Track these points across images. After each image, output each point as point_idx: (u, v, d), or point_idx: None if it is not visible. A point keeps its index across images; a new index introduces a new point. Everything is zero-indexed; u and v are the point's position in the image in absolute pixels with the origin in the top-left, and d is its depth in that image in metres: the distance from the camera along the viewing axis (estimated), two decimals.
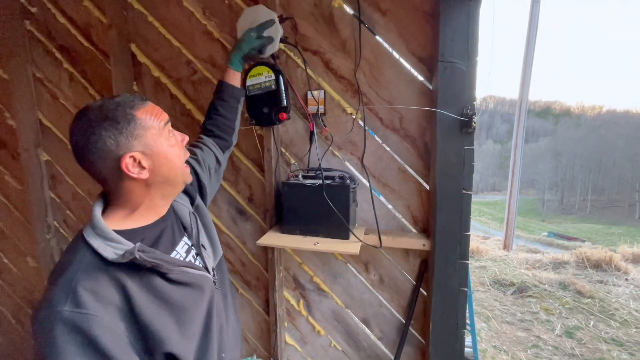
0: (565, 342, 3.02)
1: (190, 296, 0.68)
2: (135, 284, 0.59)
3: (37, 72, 1.52)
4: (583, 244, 8.95)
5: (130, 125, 0.61)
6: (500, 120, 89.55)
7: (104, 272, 0.57)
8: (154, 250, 0.62)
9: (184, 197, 0.84)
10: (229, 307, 0.84)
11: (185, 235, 0.78)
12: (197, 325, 0.68)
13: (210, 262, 0.80)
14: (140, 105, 0.63)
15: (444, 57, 0.99)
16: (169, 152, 0.66)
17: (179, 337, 0.62)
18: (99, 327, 0.51)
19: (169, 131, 0.67)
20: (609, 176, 46.15)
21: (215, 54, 1.29)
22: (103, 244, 0.58)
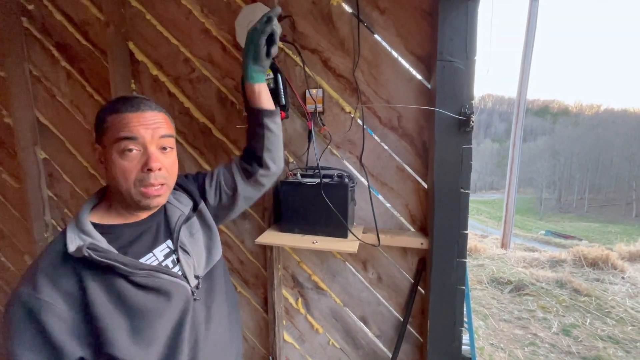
0: (562, 340, 3.04)
1: (155, 302, 0.65)
2: (95, 280, 0.60)
3: (34, 69, 1.52)
4: (580, 243, 9.00)
5: (99, 123, 0.67)
6: (498, 119, 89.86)
7: (68, 263, 0.59)
8: (109, 250, 0.62)
9: (185, 199, 0.83)
10: (212, 320, 0.77)
11: (170, 239, 0.75)
12: (160, 334, 0.65)
13: (195, 271, 0.75)
14: (117, 111, 0.65)
15: (442, 56, 0.99)
16: (114, 164, 0.65)
17: (128, 342, 0.60)
18: (50, 313, 0.55)
19: (124, 146, 0.64)
20: (606, 175, 46.42)
21: (213, 52, 1.28)
22: (74, 236, 0.61)
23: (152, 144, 0.66)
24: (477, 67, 1.00)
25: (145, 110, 0.67)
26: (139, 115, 0.66)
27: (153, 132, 0.66)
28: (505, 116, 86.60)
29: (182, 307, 0.69)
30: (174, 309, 0.68)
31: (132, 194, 0.66)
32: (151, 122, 0.67)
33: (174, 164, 0.72)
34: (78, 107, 1.50)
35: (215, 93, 1.31)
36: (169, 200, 0.79)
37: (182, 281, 0.70)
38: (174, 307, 0.67)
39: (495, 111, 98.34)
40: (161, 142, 0.68)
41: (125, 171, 0.64)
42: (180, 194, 0.84)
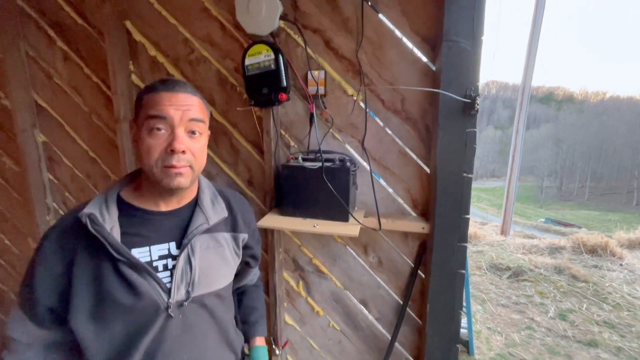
0: (558, 324, 3.09)
1: (124, 297, 0.64)
2: (87, 250, 0.64)
3: (30, 50, 1.49)
4: (579, 231, 9.04)
5: (137, 100, 0.69)
6: (502, 105, 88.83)
7: (76, 227, 0.65)
8: (104, 227, 0.64)
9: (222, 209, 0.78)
10: (189, 345, 0.71)
11: (175, 241, 0.71)
12: (119, 329, 0.65)
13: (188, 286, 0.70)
14: (153, 91, 0.66)
15: (448, 36, 0.96)
16: (142, 140, 0.65)
17: (85, 319, 0.64)
18: (43, 260, 0.64)
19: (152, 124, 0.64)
20: (608, 163, 46.20)
21: (212, 32, 1.25)
22: (96, 202, 0.67)
23: (180, 126, 0.65)
24: (484, 50, 0.98)
25: (178, 91, 0.66)
26: (172, 95, 0.65)
27: (183, 114, 0.65)
28: (509, 103, 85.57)
29: (150, 315, 0.66)
30: (140, 313, 0.65)
31: (154, 172, 0.65)
32: (183, 103, 0.66)
33: (201, 150, 0.70)
34: (76, 89, 1.48)
35: (215, 75, 1.29)
36: (201, 204, 0.75)
37: (160, 289, 0.66)
38: (140, 310, 0.65)
39: (499, 98, 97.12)
40: (190, 125, 0.67)
41: (150, 149, 0.64)
42: (219, 201, 0.80)
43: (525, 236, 6.39)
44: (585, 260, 4.42)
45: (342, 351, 1.38)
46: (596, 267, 4.23)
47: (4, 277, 1.90)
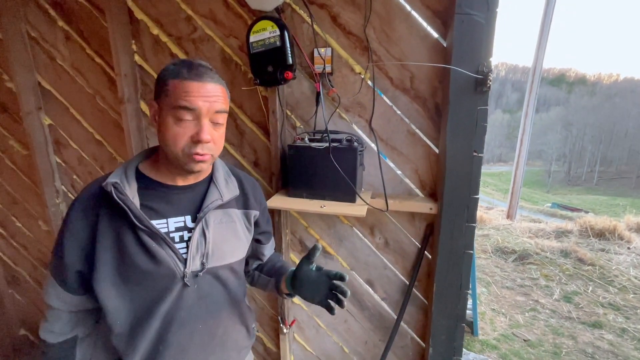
0: (563, 306, 3.11)
1: (145, 263, 0.67)
2: (109, 218, 0.68)
3: (32, 30, 1.46)
4: (586, 215, 8.97)
5: (160, 84, 0.68)
6: (511, 88, 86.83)
7: (98, 196, 0.69)
8: (128, 197, 0.67)
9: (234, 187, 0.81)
10: (203, 315, 0.75)
11: (190, 215, 0.74)
12: (140, 293, 0.69)
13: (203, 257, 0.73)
14: (181, 77, 0.65)
15: (461, 9, 0.92)
16: (167, 127, 0.67)
17: (109, 282, 0.68)
18: (71, 229, 0.69)
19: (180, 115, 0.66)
20: (619, 147, 45.29)
21: (216, 9, 1.21)
22: (117, 174, 0.69)
23: (206, 117, 0.67)
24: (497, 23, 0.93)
25: (207, 81, 0.67)
26: (201, 86, 0.66)
27: (210, 106, 0.67)
28: (518, 85, 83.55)
29: (167, 283, 0.70)
30: (159, 280, 0.69)
31: (179, 157, 0.68)
32: (211, 95, 0.67)
33: (221, 138, 0.73)
34: (79, 70, 1.46)
35: (219, 53, 1.26)
36: (216, 181, 0.79)
37: (177, 259, 0.70)
38: (159, 278, 0.69)
39: (508, 80, 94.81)
40: (215, 117, 0.69)
41: (177, 137, 0.66)
42: (232, 180, 0.83)
43: (532, 220, 6.36)
44: (592, 244, 4.40)
45: (348, 330, 1.40)
46: (603, 251, 4.21)
47: (17, 258, 1.95)
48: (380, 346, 1.35)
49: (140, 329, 0.70)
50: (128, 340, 0.71)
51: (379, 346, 1.36)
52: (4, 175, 1.79)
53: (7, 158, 1.74)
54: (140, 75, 1.38)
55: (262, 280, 0.94)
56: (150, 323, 0.70)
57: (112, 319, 0.69)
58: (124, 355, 0.71)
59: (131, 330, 0.70)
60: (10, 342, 2.03)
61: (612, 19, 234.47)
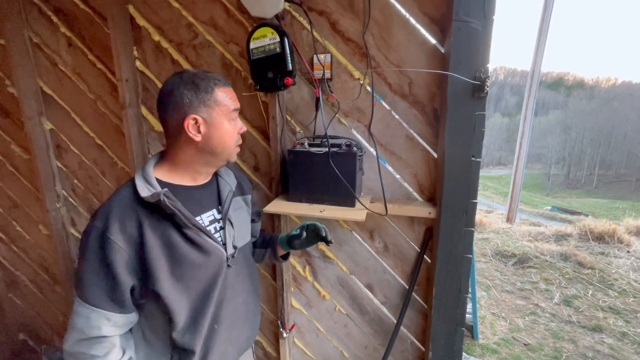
0: (563, 310, 3.10)
1: (196, 257, 0.75)
2: (152, 227, 0.71)
3: (34, 36, 1.48)
4: (586, 219, 8.98)
5: (207, 95, 0.74)
6: (510, 92, 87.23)
7: (133, 208, 0.71)
8: (177, 201, 0.72)
9: (231, 177, 0.93)
10: (238, 289, 0.88)
11: (215, 208, 0.86)
12: (194, 285, 0.77)
13: (234, 241, 0.87)
14: (222, 85, 0.77)
15: (458, 16, 0.94)
16: (226, 130, 0.77)
17: (169, 283, 0.72)
18: (114, 249, 0.67)
19: (234, 116, 0.79)
20: (618, 150, 45.39)
21: (216, 16, 1.23)
22: (143, 184, 0.72)
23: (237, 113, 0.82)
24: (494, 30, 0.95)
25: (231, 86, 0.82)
26: (232, 91, 0.81)
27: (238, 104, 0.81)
28: (517, 89, 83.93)
29: (217, 269, 0.80)
30: (210, 268, 0.79)
31: (231, 152, 0.81)
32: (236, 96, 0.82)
33: None
34: (81, 75, 1.48)
35: (219, 59, 1.27)
36: (221, 174, 0.90)
37: (220, 246, 0.81)
38: (210, 266, 0.78)
39: (507, 84, 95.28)
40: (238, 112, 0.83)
41: (233, 135, 0.80)
42: (229, 172, 0.95)
43: (531, 224, 6.36)
44: (592, 247, 4.40)
45: (347, 334, 1.40)
46: (603, 254, 4.21)
47: (17, 263, 1.95)
48: (380, 350, 1.35)
49: (201, 316, 0.78)
50: (193, 330, 0.77)
51: (378, 350, 1.36)
52: (5, 179, 1.79)
53: (9, 162, 1.75)
54: (141, 81, 1.39)
55: (258, 253, 1.08)
56: (207, 308, 0.78)
57: (177, 318, 0.74)
58: (188, 344, 0.77)
59: (193, 321, 0.77)
60: (10, 347, 2.03)
61: (609, 23, 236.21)
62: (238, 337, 0.90)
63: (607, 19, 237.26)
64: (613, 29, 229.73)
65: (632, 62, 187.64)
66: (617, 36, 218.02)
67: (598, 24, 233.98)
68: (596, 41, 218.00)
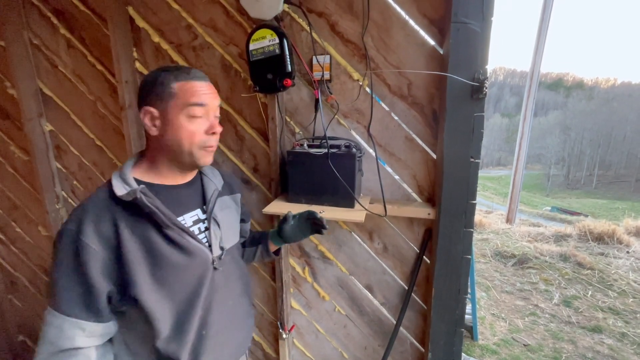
0: (563, 311, 3.10)
1: (179, 259, 0.71)
2: (130, 228, 0.67)
3: (34, 38, 1.48)
4: (586, 219, 8.99)
5: (162, 87, 0.70)
6: (509, 92, 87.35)
7: (109, 209, 0.67)
8: (156, 198, 0.69)
9: (218, 176, 0.90)
10: (227, 292, 0.83)
11: (200, 208, 0.82)
12: (178, 289, 0.72)
13: (221, 242, 0.82)
14: (185, 79, 0.71)
15: (456, 18, 0.94)
16: (180, 126, 0.70)
17: (150, 287, 0.68)
18: (88, 254, 0.63)
19: (193, 112, 0.71)
20: (617, 151, 45.44)
21: (216, 17, 1.23)
22: (120, 184, 0.68)
23: (212, 111, 0.74)
24: (493, 31, 0.95)
25: (206, 80, 0.74)
26: (204, 85, 0.73)
27: (213, 101, 0.74)
28: (516, 90, 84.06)
29: (202, 271, 0.76)
30: (194, 271, 0.75)
31: (193, 152, 0.73)
32: (212, 92, 0.75)
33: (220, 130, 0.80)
34: (80, 77, 1.48)
35: (219, 61, 1.28)
36: (205, 173, 0.87)
37: (205, 247, 0.77)
38: (194, 268, 0.74)
39: (507, 84, 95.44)
40: (217, 110, 0.76)
41: (193, 134, 0.71)
42: (215, 171, 0.92)
43: (531, 224, 6.37)
44: (592, 248, 4.41)
45: (347, 335, 1.40)
46: (602, 255, 4.22)
47: (17, 264, 1.94)
48: (379, 351, 1.35)
49: (186, 323, 0.73)
50: (178, 338, 0.72)
51: (378, 351, 1.36)
52: (4, 180, 1.79)
53: (8, 164, 1.75)
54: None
55: (249, 252, 1.05)
56: (194, 314, 0.74)
57: (160, 325, 0.69)
58: (174, 353, 0.72)
59: (178, 328, 0.72)
60: (9, 348, 2.02)
61: (609, 24, 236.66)
62: (229, 343, 0.84)
63: (606, 20, 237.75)
64: (612, 29, 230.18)
65: (632, 63, 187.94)
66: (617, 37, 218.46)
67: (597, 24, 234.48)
68: (595, 42, 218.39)
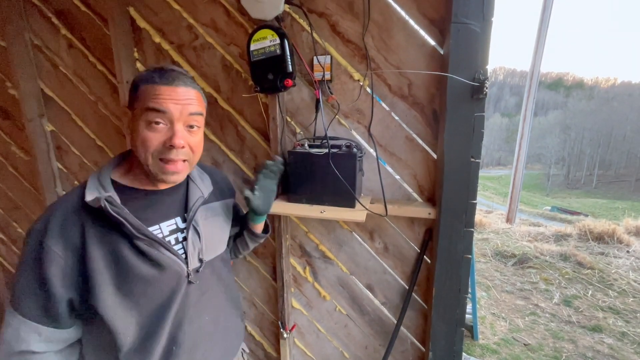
0: (563, 310, 3.11)
1: (148, 272, 0.66)
2: (97, 236, 0.63)
3: (35, 38, 1.48)
4: (586, 219, 8.99)
5: (133, 89, 0.67)
6: (509, 92, 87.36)
7: (77, 213, 0.64)
8: (123, 208, 0.64)
9: (208, 182, 0.86)
10: (207, 307, 0.78)
11: (180, 216, 0.76)
12: (144, 304, 0.67)
13: (200, 254, 0.77)
14: (153, 82, 0.65)
15: (457, 18, 0.94)
16: (137, 133, 0.66)
17: (112, 300, 0.64)
18: (50, 257, 0.60)
19: (151, 117, 0.65)
20: (617, 150, 45.44)
21: (217, 18, 1.24)
22: (93, 187, 0.65)
23: (179, 121, 0.66)
24: (493, 31, 0.95)
25: (178, 85, 0.66)
26: (172, 90, 0.65)
27: (182, 109, 0.66)
28: (516, 89, 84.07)
29: (173, 285, 0.71)
30: (164, 285, 0.69)
31: (149, 164, 0.67)
32: (182, 98, 0.66)
33: (199, 143, 0.72)
34: (81, 77, 1.48)
35: (219, 61, 1.28)
36: (193, 179, 0.82)
37: (179, 260, 0.71)
38: (164, 282, 0.69)
39: (507, 84, 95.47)
40: (189, 119, 0.68)
41: (147, 142, 0.65)
42: (205, 176, 0.87)
43: (531, 224, 6.37)
44: (592, 248, 4.41)
45: (348, 335, 1.41)
46: (602, 254, 4.22)
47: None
48: (380, 351, 1.36)
49: (153, 338, 0.69)
50: (142, 353, 0.68)
51: (379, 351, 1.37)
52: (5, 181, 1.80)
53: (9, 164, 1.76)
54: None
55: (239, 242, 1.03)
56: (162, 329, 0.69)
57: (122, 338, 0.66)
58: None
59: (143, 343, 0.68)
60: None
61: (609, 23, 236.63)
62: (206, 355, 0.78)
63: (606, 19, 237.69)
64: (612, 29, 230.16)
65: (632, 63, 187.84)
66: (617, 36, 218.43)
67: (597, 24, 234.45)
68: (595, 41, 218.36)
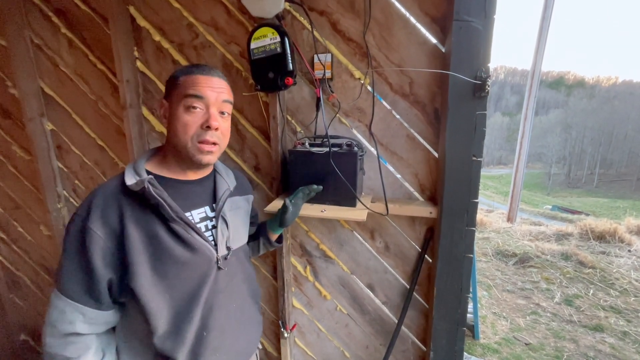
0: (564, 310, 3.10)
1: (182, 254, 0.71)
2: (135, 217, 0.68)
3: (35, 38, 1.48)
4: (587, 218, 8.97)
5: (172, 79, 0.75)
6: (510, 91, 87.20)
7: (116, 198, 0.68)
8: (163, 191, 0.69)
9: (232, 177, 0.91)
10: (230, 294, 0.82)
11: (209, 206, 0.82)
12: (178, 286, 0.71)
13: (228, 242, 0.82)
14: (193, 73, 0.73)
15: (459, 16, 0.94)
16: (177, 116, 0.72)
17: (149, 281, 0.68)
18: (92, 239, 0.65)
19: (190, 102, 0.71)
20: (619, 149, 45.33)
21: (217, 16, 1.23)
22: (131, 174, 0.70)
23: (214, 106, 0.74)
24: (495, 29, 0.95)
25: (213, 75, 0.75)
26: (208, 79, 0.73)
27: (217, 96, 0.74)
28: (517, 88, 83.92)
29: (204, 269, 0.75)
30: (196, 268, 0.74)
31: (188, 147, 0.73)
32: (217, 86, 0.74)
33: (228, 129, 0.80)
34: (82, 76, 1.48)
35: (220, 60, 1.27)
36: (219, 172, 0.88)
37: (210, 246, 0.76)
38: (196, 265, 0.73)
39: (507, 83, 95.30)
40: (222, 106, 0.75)
41: (187, 125, 0.72)
42: (229, 171, 0.93)
43: (532, 223, 6.36)
44: (593, 247, 4.40)
45: (348, 334, 1.40)
46: (604, 254, 4.21)
47: (18, 263, 1.95)
48: (381, 350, 1.35)
49: (185, 322, 0.72)
50: (175, 336, 0.71)
51: (380, 350, 1.36)
52: (6, 180, 1.79)
53: (10, 163, 1.75)
54: (142, 82, 1.39)
55: (252, 246, 1.06)
56: (194, 313, 0.73)
57: (156, 322, 0.69)
58: (170, 352, 0.71)
59: (176, 326, 0.72)
60: (11, 347, 2.03)
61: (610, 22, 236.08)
62: (232, 348, 0.82)
63: (607, 18, 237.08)
64: (614, 27, 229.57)
65: (633, 61, 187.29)
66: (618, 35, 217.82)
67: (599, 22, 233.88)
68: (597, 40, 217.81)
